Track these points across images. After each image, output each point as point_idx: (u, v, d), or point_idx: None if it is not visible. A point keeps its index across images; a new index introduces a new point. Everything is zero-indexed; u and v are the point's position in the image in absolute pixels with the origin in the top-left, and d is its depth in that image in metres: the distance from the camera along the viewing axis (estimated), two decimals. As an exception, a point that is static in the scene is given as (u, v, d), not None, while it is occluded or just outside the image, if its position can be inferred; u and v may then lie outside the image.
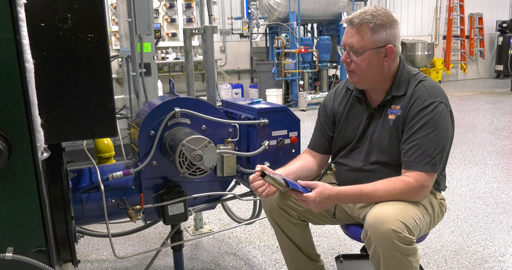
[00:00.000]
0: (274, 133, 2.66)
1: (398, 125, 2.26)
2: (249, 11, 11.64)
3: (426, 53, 13.90)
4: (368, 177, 2.27)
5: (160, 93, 7.50)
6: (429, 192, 2.22)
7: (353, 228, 2.44)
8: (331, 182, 2.54)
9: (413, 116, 2.21)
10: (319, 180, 2.38)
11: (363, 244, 2.18)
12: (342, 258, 2.74)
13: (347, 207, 2.50)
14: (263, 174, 2.15)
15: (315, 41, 11.76)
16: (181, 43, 11.07)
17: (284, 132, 2.69)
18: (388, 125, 2.28)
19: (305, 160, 2.54)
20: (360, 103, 2.41)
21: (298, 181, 2.20)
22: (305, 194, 2.13)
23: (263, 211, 3.18)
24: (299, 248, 2.61)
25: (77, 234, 2.75)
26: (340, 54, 2.32)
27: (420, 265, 2.25)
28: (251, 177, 2.22)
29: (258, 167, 2.18)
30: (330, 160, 2.49)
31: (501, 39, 15.52)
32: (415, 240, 2.06)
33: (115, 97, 2.07)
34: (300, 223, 2.56)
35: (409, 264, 2.05)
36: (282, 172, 2.38)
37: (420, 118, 2.19)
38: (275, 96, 10.41)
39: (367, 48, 2.19)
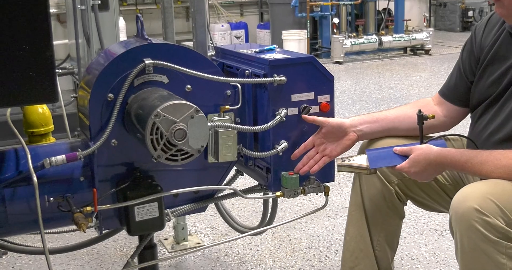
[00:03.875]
0: (295, 97, 2.66)
1: None
2: None
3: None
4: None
5: (123, 37, 7.46)
6: None
7: None
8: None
9: None
10: (422, 140, 2.53)
11: None
12: None
13: None
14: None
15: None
16: (154, -39, 10.99)
17: (310, 95, 2.68)
18: None
19: (419, 106, 2.65)
20: None
21: (394, 148, 2.45)
22: (397, 166, 2.44)
23: (277, 217, 3.18)
24: (371, 237, 2.78)
25: (-1, 249, 2.77)
26: None
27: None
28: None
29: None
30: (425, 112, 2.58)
31: None
32: None
33: (55, 42, 2.05)
34: (394, 203, 2.74)
35: (500, 266, 2.08)
36: (370, 118, 2.69)
37: None
38: (296, 41, 10.37)
39: None
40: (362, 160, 2.53)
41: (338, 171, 2.56)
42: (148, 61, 2.46)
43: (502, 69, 2.49)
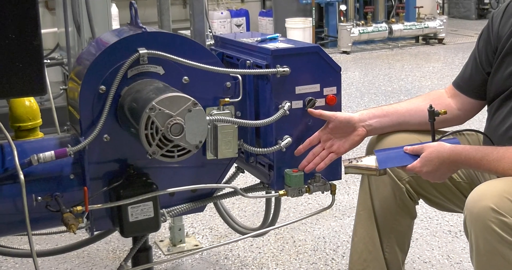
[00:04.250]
0: (299, 90, 2.66)
1: None
2: None
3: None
4: None
5: (116, 25, 7.45)
6: None
7: None
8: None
9: None
10: (434, 137, 2.54)
11: None
12: None
13: None
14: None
15: None
16: None
17: (316, 87, 2.68)
18: None
19: (431, 99, 2.71)
20: None
21: (404, 147, 2.47)
22: (408, 166, 2.45)
23: (280, 217, 3.17)
24: (380, 238, 2.77)
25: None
26: None
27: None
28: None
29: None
30: (435, 106, 2.58)
31: None
32: None
33: (43, 31, 2.05)
34: (405, 202, 2.74)
35: None
36: (380, 112, 2.70)
37: None
38: (300, 30, 10.37)
39: None
40: (370, 161, 2.54)
41: (346, 173, 2.57)
42: (142, 51, 2.45)
43: None
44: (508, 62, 2.52)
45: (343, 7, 10.88)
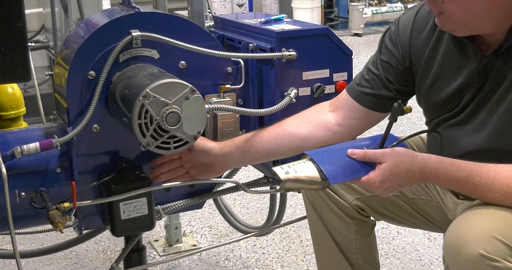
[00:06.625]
0: (307, 76, 2.66)
1: None
2: None
3: None
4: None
5: (106, 5, 7.45)
6: None
7: None
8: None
9: None
10: (384, 143, 2.31)
11: None
12: None
13: (446, 206, 2.52)
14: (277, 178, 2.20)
15: None
16: None
17: (325, 73, 2.68)
18: None
19: (305, 116, 2.55)
20: (462, 49, 2.37)
21: (349, 150, 2.22)
22: (363, 177, 2.18)
23: (286, 214, 3.17)
24: (350, 262, 2.67)
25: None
26: None
27: None
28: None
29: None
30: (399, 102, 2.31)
31: None
32: None
33: (27, 11, 2.05)
34: (359, 218, 2.60)
35: None
36: (244, 145, 2.50)
37: None
38: (308, 10, 10.36)
39: None
40: (309, 170, 2.20)
41: (284, 188, 2.23)
42: (135, 33, 2.45)
43: (457, 83, 2.36)
44: (436, 89, 2.42)
45: (354, -14, 10.91)
